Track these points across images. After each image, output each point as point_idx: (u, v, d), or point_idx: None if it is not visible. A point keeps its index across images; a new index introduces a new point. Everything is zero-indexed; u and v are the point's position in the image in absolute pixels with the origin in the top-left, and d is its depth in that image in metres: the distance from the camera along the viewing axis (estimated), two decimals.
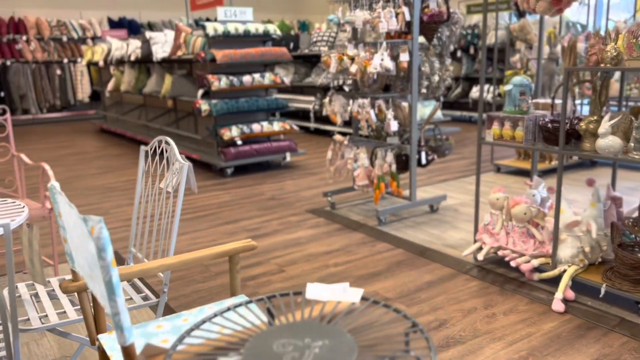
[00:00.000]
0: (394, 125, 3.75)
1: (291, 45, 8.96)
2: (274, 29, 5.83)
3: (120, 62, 7.99)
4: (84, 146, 7.89)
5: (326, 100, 4.13)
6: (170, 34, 6.66)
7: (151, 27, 12.33)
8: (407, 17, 3.61)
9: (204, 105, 5.48)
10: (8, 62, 10.56)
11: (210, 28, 5.42)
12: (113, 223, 4.10)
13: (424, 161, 3.96)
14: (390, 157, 3.88)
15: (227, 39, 5.63)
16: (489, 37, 8.64)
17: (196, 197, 4.81)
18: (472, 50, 8.96)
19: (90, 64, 9.45)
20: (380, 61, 3.58)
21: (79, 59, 11.32)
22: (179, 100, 6.76)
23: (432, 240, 3.51)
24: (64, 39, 11.25)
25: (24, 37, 10.74)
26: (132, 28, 12.00)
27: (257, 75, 5.66)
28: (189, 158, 6.58)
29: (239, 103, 5.59)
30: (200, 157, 5.91)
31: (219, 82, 5.39)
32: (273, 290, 2.86)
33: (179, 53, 6.08)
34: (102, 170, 6.09)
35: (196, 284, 2.96)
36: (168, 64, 7.06)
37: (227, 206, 4.48)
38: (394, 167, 3.88)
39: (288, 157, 5.91)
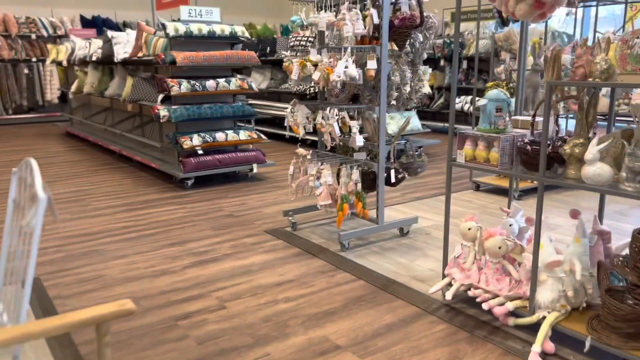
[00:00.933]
0: (358, 140, 3.37)
1: (268, 49, 8.57)
2: (241, 31, 5.43)
3: (84, 62, 7.53)
4: (42, 151, 7.41)
5: (288, 109, 3.74)
6: (133, 34, 6.24)
7: (126, 26, 11.87)
8: (376, 20, 3.24)
9: (162, 111, 5.06)
10: None
11: (171, 28, 5.01)
12: (40, 243, 3.65)
13: (393, 180, 3.58)
14: (356, 174, 3.50)
15: (190, 41, 5.22)
16: (473, 46, 8.33)
17: (147, 212, 4.38)
18: None
19: (56, 64, 8.97)
20: (345, 69, 3.20)
21: (47, 59, 10.81)
22: (144, 105, 6.33)
23: (398, 271, 3.12)
24: (33, 37, 10.74)
25: None
26: (106, 27, 11.52)
27: (222, 80, 5.25)
28: (148, 167, 6.14)
29: (201, 109, 5.17)
30: (159, 166, 5.48)
31: (179, 87, 4.98)
32: (207, 333, 2.44)
33: (140, 54, 5.66)
34: (53, 179, 5.64)
35: (121, 322, 2.54)
36: (133, 65, 6.62)
37: (178, 224, 4.06)
38: (359, 186, 3.50)
39: (255, 168, 5.51)
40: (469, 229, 2.64)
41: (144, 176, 5.75)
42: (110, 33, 6.24)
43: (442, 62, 8.82)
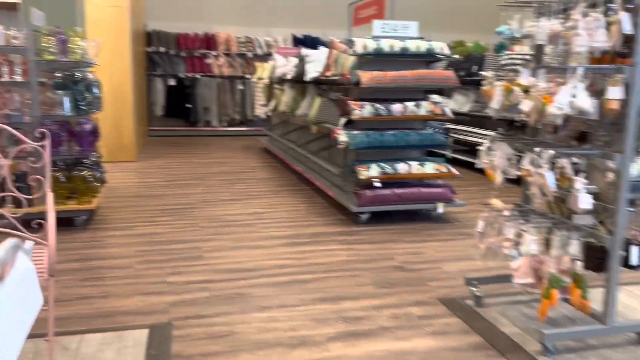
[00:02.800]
0: (584, 201, 2.33)
1: (474, 68, 7.60)
2: (440, 47, 4.67)
3: (282, 80, 7.57)
4: (238, 165, 7.63)
5: (483, 147, 2.86)
6: (326, 53, 5.93)
7: None
8: (627, 29, 2.19)
9: (342, 136, 4.57)
10: (198, 76, 11.11)
11: (360, 45, 4.50)
12: (192, 274, 3.38)
13: (635, 261, 2.44)
14: (575, 247, 2.45)
15: (380, 59, 4.64)
16: None
17: (310, 248, 3.89)
18: None
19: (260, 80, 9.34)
20: (571, 98, 2.22)
21: (254, 76, 11.46)
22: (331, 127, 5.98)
23: None
24: (250, 55, 11.48)
25: (214, 52, 11.21)
26: (314, 46, 11.78)
27: (410, 104, 4.55)
28: (324, 194, 5.72)
29: (383, 137, 4.54)
30: (335, 195, 5.01)
31: (361, 110, 4.42)
32: None
33: (328, 73, 5.29)
34: (235, 196, 5.58)
35: None
36: (326, 85, 6.33)
37: (338, 270, 3.47)
38: (579, 264, 2.44)
39: (440, 208, 4.66)
40: None
41: (320, 203, 5.34)
42: (304, 51, 6.05)
43: None
